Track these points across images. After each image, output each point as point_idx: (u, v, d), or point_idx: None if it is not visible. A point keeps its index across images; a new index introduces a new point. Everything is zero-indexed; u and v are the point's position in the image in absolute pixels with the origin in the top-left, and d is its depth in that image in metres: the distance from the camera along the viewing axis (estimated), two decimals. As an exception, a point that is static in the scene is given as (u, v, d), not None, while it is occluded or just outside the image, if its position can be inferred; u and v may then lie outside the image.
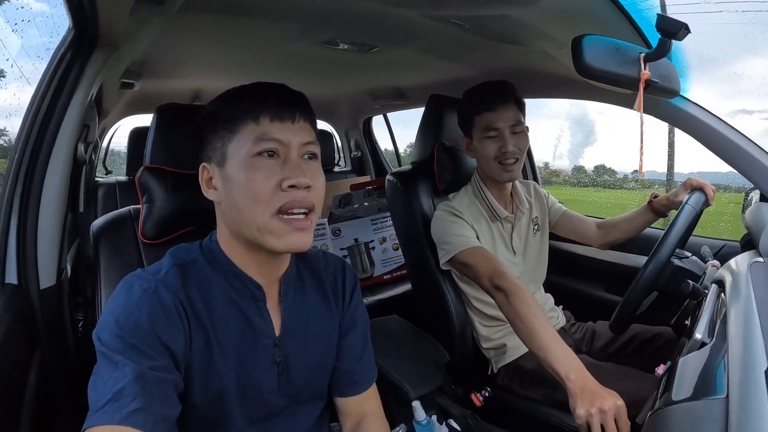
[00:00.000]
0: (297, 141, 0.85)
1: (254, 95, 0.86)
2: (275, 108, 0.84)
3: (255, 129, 0.83)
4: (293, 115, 0.86)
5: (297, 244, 0.84)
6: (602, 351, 1.65)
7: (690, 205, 1.30)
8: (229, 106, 0.86)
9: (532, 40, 1.47)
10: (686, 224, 1.26)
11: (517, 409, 1.56)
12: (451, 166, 1.80)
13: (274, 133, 0.83)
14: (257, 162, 0.82)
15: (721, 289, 1.11)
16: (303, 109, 0.88)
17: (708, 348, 0.88)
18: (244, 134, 0.83)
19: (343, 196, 2.69)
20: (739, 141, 1.38)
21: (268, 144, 0.83)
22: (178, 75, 2.30)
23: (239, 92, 0.88)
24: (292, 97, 0.88)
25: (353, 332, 1.05)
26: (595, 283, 2.11)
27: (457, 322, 1.67)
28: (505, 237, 1.68)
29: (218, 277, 0.89)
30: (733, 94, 2.59)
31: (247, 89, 0.88)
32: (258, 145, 0.82)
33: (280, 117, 0.84)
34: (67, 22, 1.20)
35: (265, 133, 0.83)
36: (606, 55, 1.09)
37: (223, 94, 0.90)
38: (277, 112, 0.84)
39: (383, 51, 1.87)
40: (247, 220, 0.83)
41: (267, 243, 0.83)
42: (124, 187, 3.02)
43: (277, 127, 0.84)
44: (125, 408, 0.69)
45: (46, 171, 1.19)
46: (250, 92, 0.87)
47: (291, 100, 0.88)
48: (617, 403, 1.04)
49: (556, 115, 7.05)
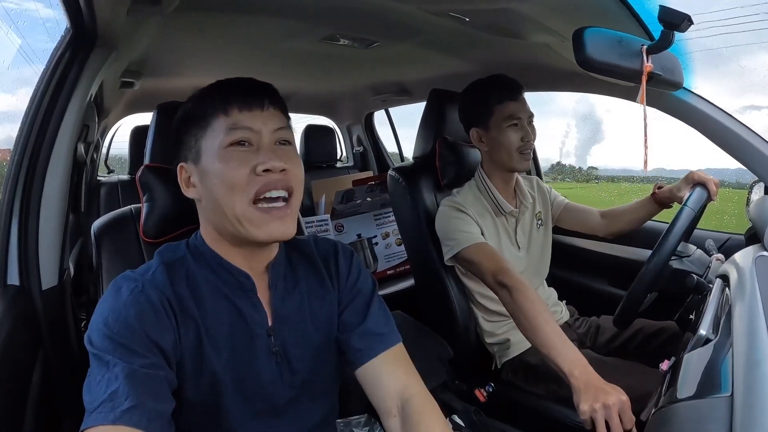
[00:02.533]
0: (268, 128, 0.86)
1: (222, 90, 0.88)
2: (243, 98, 0.86)
3: (225, 120, 0.84)
4: (262, 102, 0.87)
5: (277, 232, 0.85)
6: (606, 345, 1.64)
7: (689, 207, 1.28)
8: (198, 104, 0.88)
9: (533, 33, 1.46)
10: (684, 227, 1.24)
11: (521, 404, 1.56)
12: (453, 161, 1.79)
13: (244, 121, 0.84)
14: (231, 152, 0.83)
15: (725, 283, 1.10)
16: (271, 97, 0.89)
17: (712, 344, 0.87)
18: (215, 128, 0.85)
19: (346, 192, 2.68)
20: (743, 133, 1.37)
21: (239, 133, 0.84)
22: (179, 73, 2.30)
23: (207, 90, 0.89)
24: (259, 86, 0.90)
25: (354, 302, 1.01)
26: (599, 277, 2.10)
27: (460, 317, 1.67)
28: (509, 231, 1.67)
29: (206, 271, 0.89)
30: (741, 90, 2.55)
31: (214, 86, 0.89)
32: (230, 136, 0.83)
33: (249, 106, 0.85)
34: (65, 23, 1.19)
35: (236, 122, 0.84)
36: (608, 47, 1.08)
37: (192, 95, 0.92)
38: (245, 101, 0.85)
39: (384, 46, 1.86)
40: (226, 211, 0.83)
41: (247, 233, 0.84)
42: (126, 186, 3.02)
43: (246, 116, 0.85)
44: (119, 407, 0.69)
45: (47, 171, 1.19)
46: (218, 88, 0.89)
47: (258, 88, 0.89)
48: (621, 399, 1.04)
49: (563, 113, 7.06)
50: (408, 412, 0.90)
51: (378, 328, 0.98)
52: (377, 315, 1.00)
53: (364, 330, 0.97)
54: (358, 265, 1.05)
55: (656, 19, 1.02)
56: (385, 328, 0.99)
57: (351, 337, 0.97)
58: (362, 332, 0.97)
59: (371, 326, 0.98)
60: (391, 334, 0.99)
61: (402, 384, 0.93)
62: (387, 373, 0.95)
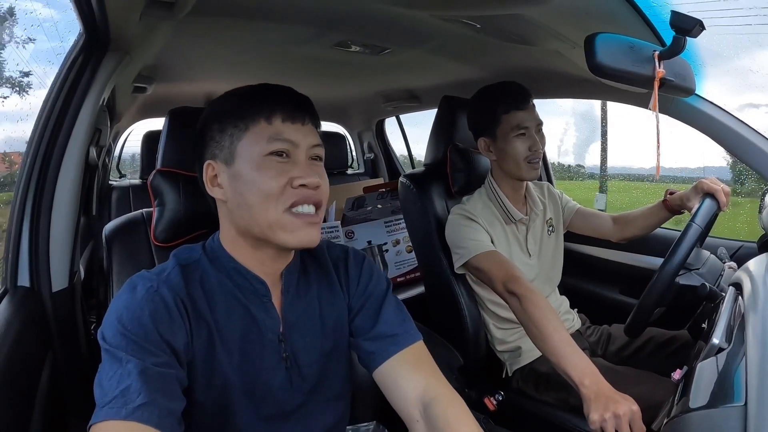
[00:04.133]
0: (306, 143, 0.87)
1: (267, 96, 0.88)
2: (287, 109, 0.86)
3: (267, 128, 0.85)
4: (303, 117, 0.88)
5: (307, 239, 0.85)
6: (617, 354, 1.63)
7: (696, 224, 1.26)
8: (240, 105, 0.87)
9: (545, 40, 1.46)
10: (690, 244, 1.22)
11: (531, 413, 1.55)
12: (464, 168, 1.79)
13: (286, 133, 0.85)
14: (269, 161, 0.84)
15: (738, 291, 1.09)
16: (311, 113, 0.90)
17: (725, 353, 0.85)
18: (255, 133, 0.85)
19: (357, 199, 2.68)
20: (757, 141, 1.36)
21: (280, 144, 0.84)
22: (191, 78, 2.32)
23: (250, 92, 0.89)
24: (301, 100, 0.91)
25: (366, 306, 1.00)
26: (610, 286, 2.08)
27: (470, 325, 1.66)
28: (519, 239, 1.66)
29: (221, 275, 0.89)
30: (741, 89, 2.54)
31: (258, 89, 0.89)
32: (271, 145, 0.84)
33: (292, 118, 0.86)
34: (78, 28, 1.21)
35: (278, 133, 0.84)
36: (619, 53, 1.07)
37: (231, 92, 0.91)
38: (289, 113, 0.86)
39: (395, 53, 1.87)
40: (257, 217, 0.84)
41: (278, 239, 0.84)
42: (138, 190, 3.05)
43: (289, 128, 0.85)
44: (131, 403, 0.69)
45: (59, 174, 1.20)
46: (262, 92, 0.89)
47: (301, 102, 0.90)
48: (632, 408, 1.03)
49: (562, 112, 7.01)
50: (432, 416, 0.85)
51: (391, 329, 0.96)
52: (390, 316, 0.98)
53: (376, 333, 0.96)
54: (369, 269, 1.04)
55: (668, 25, 1.02)
56: (399, 328, 0.97)
57: (363, 341, 0.97)
58: (374, 335, 0.96)
59: (383, 329, 0.96)
60: (406, 334, 0.96)
61: (422, 385, 0.90)
62: (404, 374, 0.92)
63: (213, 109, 0.90)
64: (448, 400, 0.88)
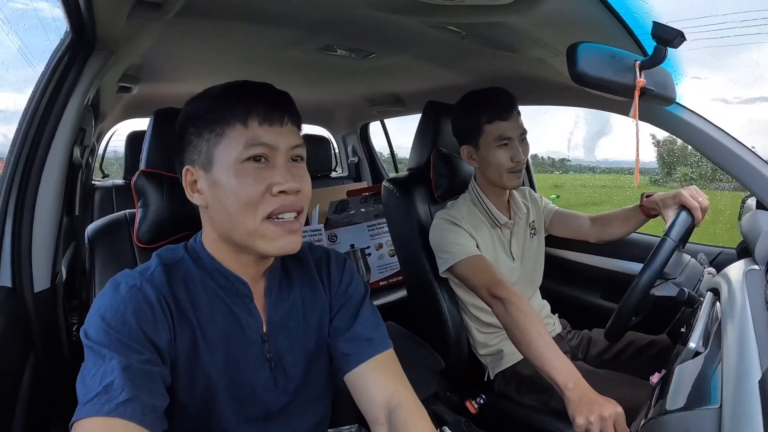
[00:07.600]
0: (285, 144, 0.84)
1: (242, 96, 0.84)
2: (264, 111, 0.83)
3: (244, 133, 0.82)
4: (282, 118, 0.85)
5: (288, 247, 0.85)
6: (598, 358, 1.65)
7: (671, 239, 1.25)
8: (214, 108, 0.84)
9: (528, 48, 1.47)
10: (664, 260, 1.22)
11: (512, 416, 1.56)
12: (447, 173, 1.80)
13: (263, 137, 0.82)
14: (246, 167, 0.82)
15: (716, 297, 1.11)
16: (290, 111, 0.87)
17: (702, 357, 0.87)
18: (232, 137, 0.82)
19: (340, 202, 2.69)
20: (735, 149, 1.38)
21: (257, 149, 0.82)
22: (176, 79, 2.30)
23: (225, 93, 0.86)
24: (279, 98, 0.87)
25: (345, 307, 1.01)
26: (591, 290, 2.11)
27: (452, 328, 1.67)
28: (504, 243, 1.68)
29: (204, 275, 0.89)
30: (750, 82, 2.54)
31: (233, 89, 0.86)
32: (248, 151, 0.81)
33: (269, 120, 0.83)
34: (65, 26, 1.20)
35: (255, 137, 0.82)
36: (601, 62, 1.09)
37: (205, 92, 0.88)
38: (266, 115, 0.83)
39: (381, 57, 1.87)
40: (237, 225, 0.83)
41: (258, 247, 0.84)
42: (121, 191, 3.02)
43: (266, 131, 0.83)
44: (114, 400, 0.69)
45: (42, 174, 1.18)
46: (238, 92, 0.85)
47: (279, 101, 0.87)
48: (616, 411, 1.05)
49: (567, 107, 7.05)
50: (395, 421, 0.88)
51: (367, 333, 0.98)
52: (367, 320, 1.00)
53: (353, 335, 0.97)
54: (350, 272, 1.05)
55: (649, 35, 1.04)
56: (374, 333, 0.98)
57: (340, 342, 0.97)
58: (351, 337, 0.97)
59: (360, 331, 0.98)
60: (380, 340, 0.98)
61: (390, 392, 0.92)
62: (374, 379, 0.94)
63: (189, 111, 0.88)
64: (412, 408, 0.91)
